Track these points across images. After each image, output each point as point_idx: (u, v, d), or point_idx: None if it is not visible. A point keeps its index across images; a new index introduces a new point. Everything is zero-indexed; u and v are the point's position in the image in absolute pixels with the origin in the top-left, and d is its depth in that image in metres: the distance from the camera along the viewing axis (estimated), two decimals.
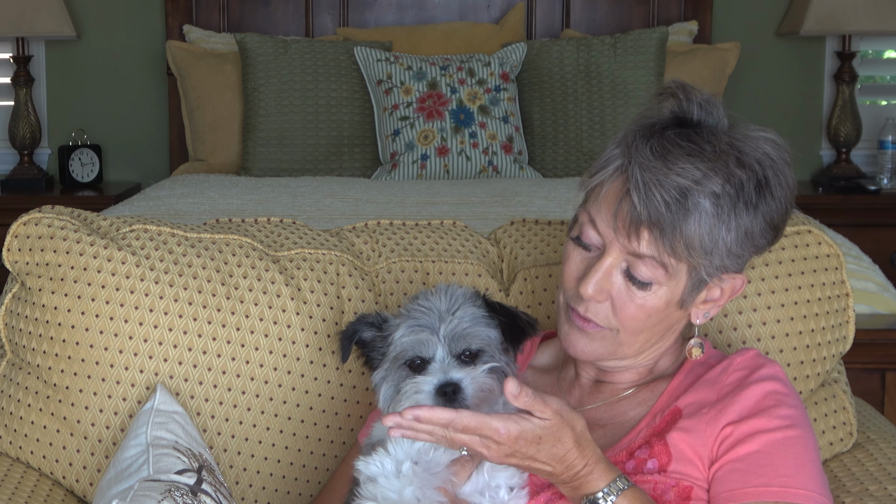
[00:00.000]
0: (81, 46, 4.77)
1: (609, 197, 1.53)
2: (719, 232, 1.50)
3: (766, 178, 1.52)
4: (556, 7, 4.73)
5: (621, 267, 1.54)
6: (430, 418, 1.38)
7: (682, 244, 1.49)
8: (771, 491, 1.48)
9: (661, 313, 1.56)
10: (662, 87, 1.57)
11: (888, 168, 4.54)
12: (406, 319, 1.50)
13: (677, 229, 1.48)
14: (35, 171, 4.64)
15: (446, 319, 1.48)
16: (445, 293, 1.52)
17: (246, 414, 1.82)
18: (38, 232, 1.83)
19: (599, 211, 1.54)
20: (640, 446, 1.55)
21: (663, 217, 1.48)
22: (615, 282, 1.54)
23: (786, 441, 1.51)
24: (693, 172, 1.48)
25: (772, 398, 1.55)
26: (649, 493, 1.50)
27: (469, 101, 4.27)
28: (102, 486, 1.67)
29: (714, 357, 1.65)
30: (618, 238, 1.52)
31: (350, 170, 4.34)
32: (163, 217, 3.22)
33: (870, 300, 2.78)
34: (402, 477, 1.43)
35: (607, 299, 1.55)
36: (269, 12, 4.73)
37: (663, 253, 1.50)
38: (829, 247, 1.89)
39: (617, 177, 1.53)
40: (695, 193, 1.48)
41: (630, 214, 1.50)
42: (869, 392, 2.66)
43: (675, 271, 1.52)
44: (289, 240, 1.93)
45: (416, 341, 1.47)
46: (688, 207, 1.48)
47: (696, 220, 1.48)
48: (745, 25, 4.77)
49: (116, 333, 1.79)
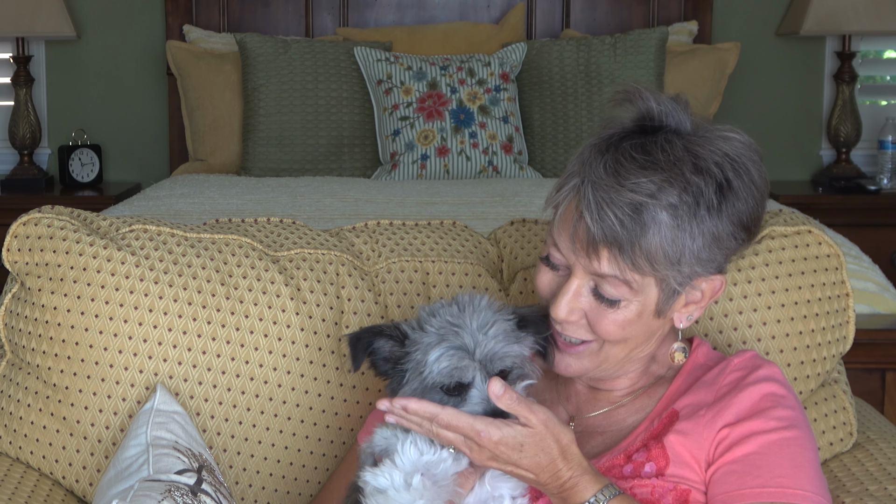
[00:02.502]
0: (81, 46, 4.77)
1: (566, 217, 1.52)
2: (683, 242, 1.46)
3: (727, 181, 1.48)
4: (556, 7, 4.73)
5: (589, 286, 1.52)
6: (416, 410, 1.41)
7: (643, 259, 1.46)
8: (768, 492, 1.47)
9: (638, 324, 1.54)
10: (615, 91, 1.54)
11: (888, 168, 4.54)
12: (437, 339, 1.47)
13: (636, 245, 1.45)
14: (35, 171, 4.64)
15: (480, 340, 1.46)
16: (473, 307, 1.49)
17: (246, 414, 1.82)
18: (37, 232, 1.83)
19: (560, 233, 1.53)
20: (638, 449, 1.55)
21: (619, 235, 1.45)
22: (585, 301, 1.53)
23: (782, 442, 1.51)
24: (647, 187, 1.45)
25: (769, 400, 1.54)
26: (647, 497, 1.50)
27: (469, 101, 4.27)
28: (102, 486, 1.67)
29: (713, 359, 1.64)
30: (578, 259, 1.51)
31: (350, 170, 4.34)
32: (163, 217, 3.22)
33: (870, 300, 2.78)
34: (413, 490, 1.42)
35: (582, 317, 1.53)
36: (269, 12, 4.73)
37: (625, 270, 1.47)
38: (830, 247, 1.89)
39: (572, 197, 1.51)
40: (650, 208, 1.45)
41: (586, 235, 1.48)
42: (869, 392, 2.66)
43: (642, 286, 1.50)
44: (288, 240, 1.93)
45: (453, 368, 1.45)
46: (644, 222, 1.45)
47: (654, 233, 1.45)
48: (745, 25, 4.77)
49: (116, 333, 1.79)
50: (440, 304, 1.51)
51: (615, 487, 1.45)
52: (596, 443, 1.61)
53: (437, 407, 1.42)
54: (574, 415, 1.66)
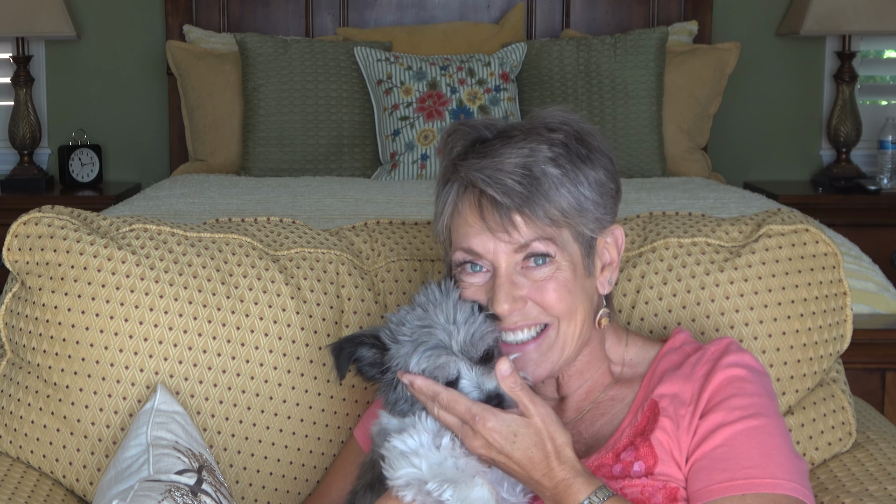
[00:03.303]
0: (81, 46, 4.77)
1: (467, 213, 1.55)
2: (578, 190, 1.54)
3: (578, 133, 1.56)
4: (556, 7, 4.73)
5: (517, 266, 1.54)
6: (421, 388, 1.46)
7: (554, 210, 1.52)
8: (736, 485, 1.47)
9: (575, 285, 1.56)
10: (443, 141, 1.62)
11: (888, 168, 4.54)
12: (412, 346, 1.48)
13: (542, 199, 1.51)
14: (35, 171, 4.64)
15: (452, 331, 1.47)
16: (433, 303, 1.50)
17: (246, 413, 1.82)
18: (38, 231, 1.83)
19: (468, 234, 1.55)
20: (626, 447, 1.55)
21: (524, 195, 1.51)
22: (520, 281, 1.54)
23: (749, 432, 1.51)
24: (520, 151, 1.52)
25: (732, 387, 1.54)
26: (637, 497, 1.50)
27: (469, 101, 4.27)
28: (102, 486, 1.67)
29: (689, 344, 1.65)
30: (499, 241, 1.53)
31: (350, 170, 4.34)
32: (163, 217, 3.22)
33: (870, 300, 2.78)
34: (443, 448, 1.44)
35: (524, 302, 1.54)
36: (269, 12, 4.73)
37: (543, 227, 1.53)
38: (827, 245, 1.89)
39: (462, 196, 1.56)
40: (535, 164, 1.52)
41: (496, 211, 1.52)
42: (869, 392, 2.66)
43: (563, 241, 1.55)
44: (288, 239, 1.94)
45: (434, 368, 1.46)
46: (537, 177, 1.52)
47: (551, 186, 1.52)
48: (745, 25, 4.77)
49: (116, 333, 1.79)
50: (405, 311, 1.52)
51: (608, 489, 1.45)
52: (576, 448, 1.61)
53: (439, 386, 1.45)
54: None
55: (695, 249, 1.89)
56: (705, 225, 1.93)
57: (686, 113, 4.46)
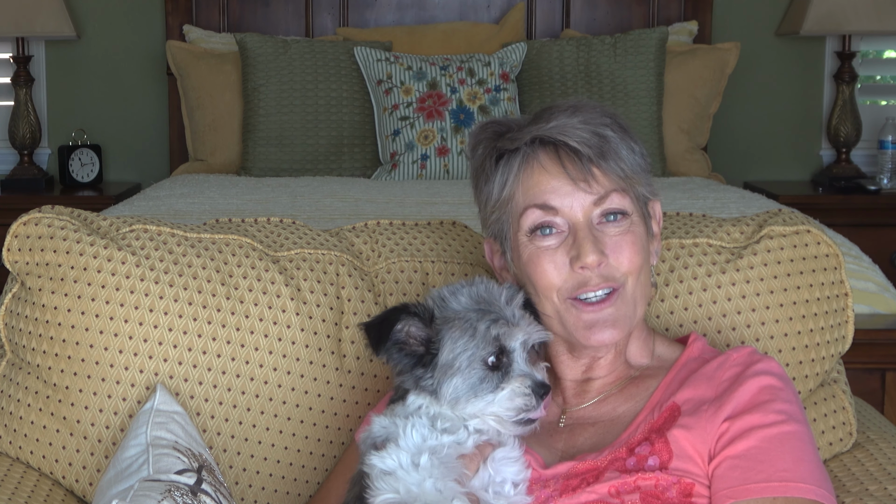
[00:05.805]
0: (81, 46, 4.77)
1: (547, 166, 1.59)
2: (632, 152, 1.61)
3: (612, 115, 1.64)
4: (556, 7, 4.73)
5: (596, 219, 1.59)
6: None
7: (622, 166, 1.59)
8: (772, 486, 1.48)
9: (644, 243, 1.62)
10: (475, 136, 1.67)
11: (888, 168, 4.54)
12: (478, 314, 1.48)
13: (612, 153, 1.59)
14: (35, 171, 4.64)
15: (516, 313, 1.49)
16: (486, 287, 1.52)
17: (246, 414, 1.82)
18: (38, 232, 1.83)
19: (544, 191, 1.59)
20: (640, 442, 1.55)
21: (599, 147, 1.58)
22: (600, 234, 1.58)
23: (783, 436, 1.52)
24: (577, 118, 1.60)
25: (767, 393, 1.55)
26: (651, 490, 1.51)
27: (469, 100, 4.27)
28: (102, 486, 1.67)
29: (709, 353, 1.66)
30: (578, 191, 1.58)
31: (350, 170, 4.34)
32: (163, 217, 3.22)
33: (870, 300, 2.78)
34: (421, 469, 1.43)
35: (605, 258, 1.58)
36: (269, 12, 4.73)
37: (617, 179, 1.59)
38: (829, 246, 1.89)
39: (532, 157, 1.60)
40: (599, 126, 1.59)
41: (577, 159, 1.58)
42: (869, 392, 2.66)
43: (633, 199, 1.62)
44: (288, 240, 1.93)
45: (502, 332, 1.46)
46: (605, 136, 1.59)
47: (616, 144, 1.59)
48: (745, 25, 4.77)
49: (116, 333, 1.79)
50: (455, 287, 1.52)
51: None
52: (588, 434, 1.62)
53: None
54: (564, 408, 1.67)
55: (696, 250, 1.89)
56: (706, 226, 1.93)
57: (686, 113, 4.46)
